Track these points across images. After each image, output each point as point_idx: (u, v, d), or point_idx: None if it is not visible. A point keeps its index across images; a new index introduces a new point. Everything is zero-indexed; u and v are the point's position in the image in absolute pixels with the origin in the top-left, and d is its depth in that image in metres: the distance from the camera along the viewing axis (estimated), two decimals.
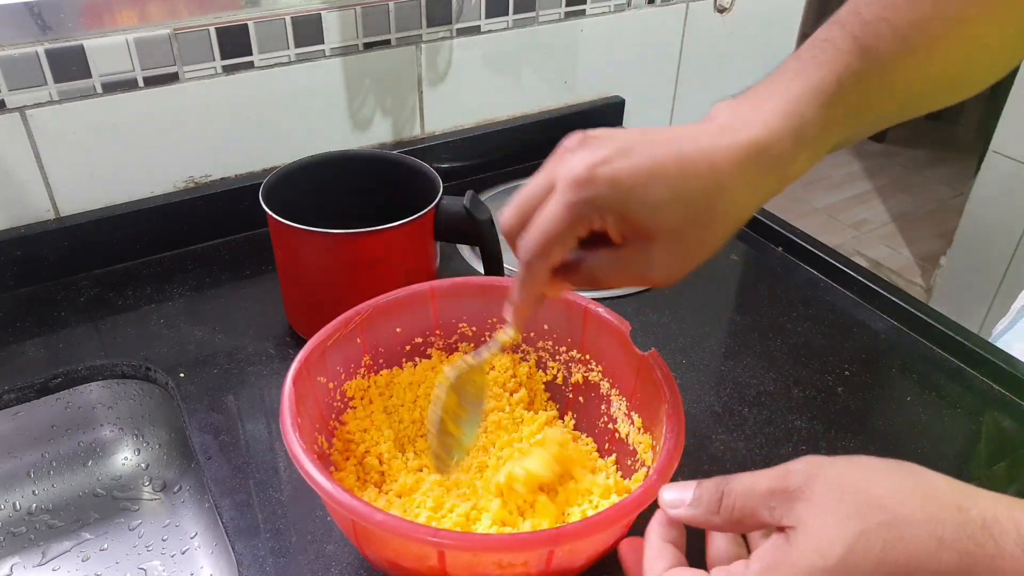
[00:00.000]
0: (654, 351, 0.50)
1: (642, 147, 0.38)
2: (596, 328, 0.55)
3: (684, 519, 0.38)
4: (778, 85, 0.40)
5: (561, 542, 0.39)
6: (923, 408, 0.66)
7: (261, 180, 0.64)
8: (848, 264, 0.80)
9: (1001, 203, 1.69)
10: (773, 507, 0.34)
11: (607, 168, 0.37)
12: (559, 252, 0.40)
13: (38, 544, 0.64)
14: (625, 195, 0.37)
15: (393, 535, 0.40)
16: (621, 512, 0.41)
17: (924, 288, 2.20)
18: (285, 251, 0.65)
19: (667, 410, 0.47)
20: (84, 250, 0.77)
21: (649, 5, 1.03)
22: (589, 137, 0.39)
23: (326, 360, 0.51)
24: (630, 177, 0.37)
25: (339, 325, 0.52)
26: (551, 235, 0.39)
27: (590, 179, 0.37)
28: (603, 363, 0.56)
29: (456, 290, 0.57)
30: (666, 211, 0.38)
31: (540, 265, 0.40)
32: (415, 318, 0.57)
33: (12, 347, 0.68)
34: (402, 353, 0.57)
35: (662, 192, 0.37)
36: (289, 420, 0.44)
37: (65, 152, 0.75)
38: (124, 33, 0.72)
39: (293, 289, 0.68)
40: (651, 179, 0.37)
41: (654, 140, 0.39)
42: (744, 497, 0.36)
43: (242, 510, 0.54)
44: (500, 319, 0.58)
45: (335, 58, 0.84)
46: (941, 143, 2.95)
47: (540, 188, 0.40)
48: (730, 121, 0.39)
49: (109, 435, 0.70)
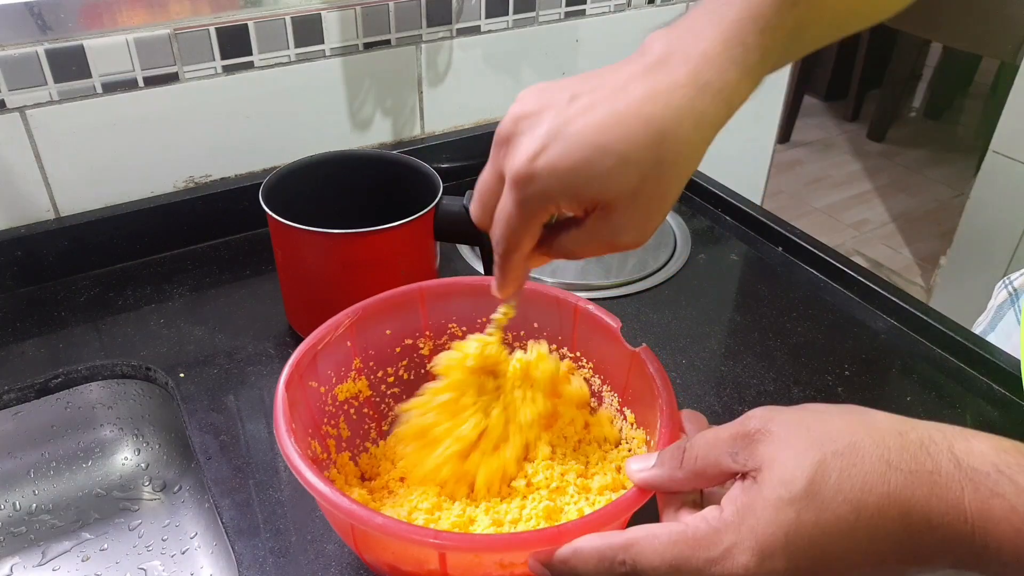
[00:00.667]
0: (645, 346, 0.50)
1: (576, 118, 0.37)
2: (586, 325, 0.55)
3: (649, 482, 0.40)
4: (714, 13, 0.39)
5: (562, 540, 0.39)
6: (923, 408, 0.66)
7: (261, 180, 0.64)
8: (848, 264, 0.80)
9: (1001, 203, 1.69)
10: (736, 452, 0.36)
11: (544, 159, 0.37)
12: (527, 242, 0.41)
13: (38, 544, 0.64)
14: (569, 177, 0.37)
15: (393, 538, 0.40)
16: (619, 508, 0.41)
17: (924, 288, 2.20)
18: (285, 251, 0.65)
19: (660, 404, 0.47)
20: (84, 250, 0.77)
21: (649, 5, 1.03)
22: (520, 121, 0.39)
23: (317, 365, 0.51)
24: (568, 159, 0.37)
25: (328, 329, 0.52)
26: (513, 231, 0.40)
27: (530, 175, 0.38)
28: (594, 360, 0.56)
29: (446, 291, 0.57)
30: (614, 179, 0.37)
31: (513, 256, 0.42)
32: (405, 320, 0.56)
33: (12, 347, 0.68)
34: (393, 355, 0.57)
35: (605, 161, 0.37)
36: (284, 427, 0.44)
37: (65, 152, 0.75)
38: (124, 33, 0.72)
39: (293, 289, 0.68)
40: (592, 152, 0.37)
41: (586, 104, 0.38)
42: (706, 447, 0.37)
43: (242, 510, 0.54)
44: (490, 320, 0.58)
45: (335, 58, 0.84)
46: (941, 143, 2.95)
47: (491, 178, 0.41)
48: (668, 54, 0.38)
49: (109, 435, 0.70)
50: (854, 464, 0.33)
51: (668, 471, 0.39)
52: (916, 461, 0.32)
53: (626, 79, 0.38)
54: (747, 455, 0.35)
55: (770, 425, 0.36)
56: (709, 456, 0.37)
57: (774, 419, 0.36)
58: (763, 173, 1.34)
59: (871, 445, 0.33)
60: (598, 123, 0.37)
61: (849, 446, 0.33)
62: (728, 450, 0.36)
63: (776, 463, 0.34)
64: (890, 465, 0.33)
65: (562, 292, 0.55)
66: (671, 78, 0.37)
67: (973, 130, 2.99)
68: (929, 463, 0.32)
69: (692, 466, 0.38)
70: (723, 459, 0.36)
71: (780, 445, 0.35)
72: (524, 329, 0.58)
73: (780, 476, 0.34)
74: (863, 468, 0.33)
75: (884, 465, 0.33)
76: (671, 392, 0.47)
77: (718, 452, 0.37)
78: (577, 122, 0.37)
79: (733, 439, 0.36)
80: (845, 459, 0.33)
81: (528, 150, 0.38)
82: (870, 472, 0.33)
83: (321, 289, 0.64)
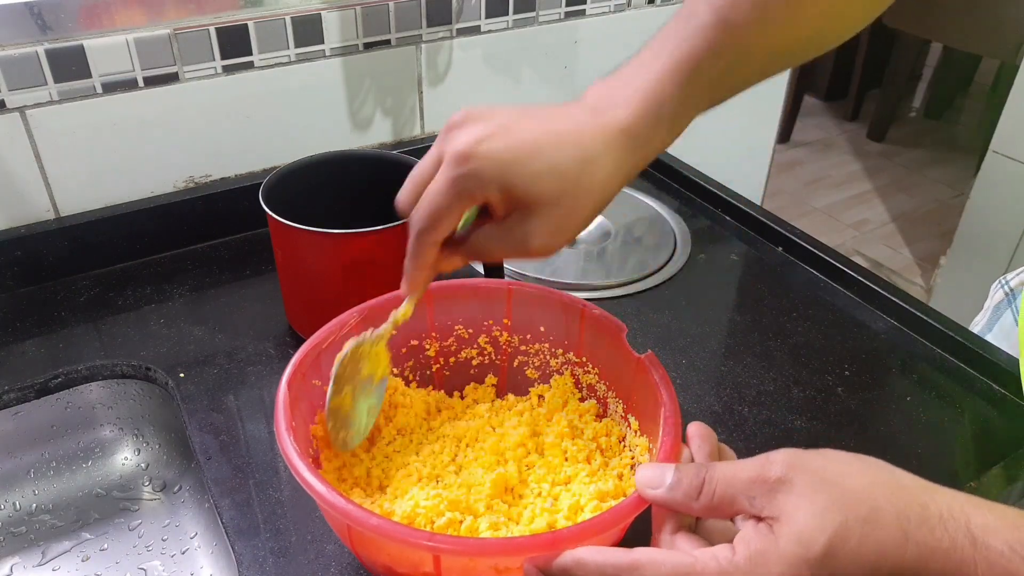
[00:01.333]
0: (651, 353, 0.50)
1: (522, 124, 0.42)
2: (593, 330, 0.55)
3: (659, 501, 0.39)
4: (643, 65, 0.43)
5: (558, 546, 0.38)
6: (923, 408, 0.66)
7: (261, 180, 0.64)
8: (848, 264, 0.80)
9: (1001, 203, 1.69)
10: (754, 497, 0.36)
11: (488, 144, 0.41)
12: (446, 225, 0.43)
13: (38, 544, 0.64)
14: (505, 168, 0.41)
15: (388, 540, 0.39)
16: (618, 516, 0.40)
17: (924, 288, 2.20)
18: (285, 251, 0.65)
19: (664, 412, 0.46)
20: (84, 250, 0.77)
21: (649, 5, 1.03)
22: (472, 115, 0.42)
23: (321, 363, 0.51)
24: (509, 151, 0.41)
25: (334, 328, 0.52)
26: (437, 208, 0.42)
27: (471, 154, 0.41)
28: (599, 365, 0.56)
29: (451, 292, 0.57)
30: (542, 183, 0.41)
31: (428, 238, 0.43)
32: (411, 320, 0.56)
33: (12, 347, 0.68)
34: (398, 355, 0.57)
35: (538, 164, 0.41)
36: (284, 424, 0.44)
37: (65, 152, 0.75)
38: (124, 33, 0.72)
39: (293, 289, 0.68)
40: (529, 153, 0.41)
41: (532, 117, 0.42)
42: (725, 485, 0.37)
43: (242, 510, 0.54)
44: (496, 321, 0.58)
45: (335, 58, 0.84)
46: (941, 143, 2.95)
47: (430, 165, 0.43)
48: (599, 102, 0.43)
49: (109, 435, 0.70)
50: (873, 531, 0.33)
51: (683, 498, 0.38)
52: (934, 536, 0.33)
53: (569, 112, 0.43)
54: (765, 501, 0.35)
55: (791, 474, 0.35)
56: (727, 494, 0.37)
57: (796, 467, 0.35)
58: (763, 173, 1.34)
59: (892, 514, 0.33)
60: (539, 133, 0.42)
61: (871, 511, 0.33)
62: (746, 492, 0.36)
63: (795, 518, 0.34)
64: (908, 537, 0.33)
65: (568, 296, 0.55)
66: (602, 121, 0.42)
67: (973, 130, 2.99)
68: (946, 540, 0.32)
69: (708, 502, 0.37)
70: (739, 500, 0.36)
71: (801, 499, 0.34)
72: (531, 332, 0.58)
73: (799, 533, 0.33)
74: (881, 536, 0.33)
75: (902, 536, 0.33)
76: (675, 401, 0.47)
77: (734, 492, 0.36)
78: (522, 125, 0.42)
79: (752, 482, 0.36)
80: (866, 525, 0.33)
81: (474, 134, 0.41)
82: (888, 541, 0.33)
83: (321, 289, 0.64)
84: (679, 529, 0.39)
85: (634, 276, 0.81)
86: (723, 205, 0.92)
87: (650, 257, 0.84)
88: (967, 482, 0.59)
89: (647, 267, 0.82)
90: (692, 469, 0.38)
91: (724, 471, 0.37)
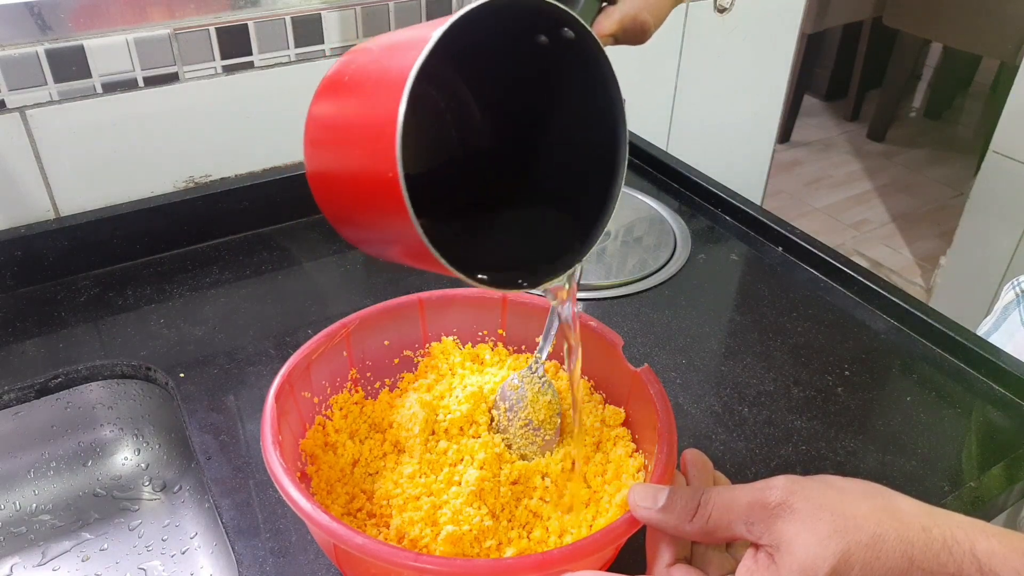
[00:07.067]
0: (647, 367, 0.49)
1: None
2: (589, 343, 0.54)
3: (651, 521, 0.38)
4: None
5: (547, 568, 0.37)
6: (923, 408, 0.66)
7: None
8: (848, 264, 0.80)
9: (1001, 203, 1.69)
10: (752, 523, 0.35)
11: None
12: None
13: (38, 544, 0.64)
14: None
15: (374, 559, 0.38)
16: (609, 537, 0.40)
17: (924, 288, 2.20)
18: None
19: (660, 429, 0.46)
20: (84, 250, 0.77)
21: None
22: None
23: (311, 374, 0.50)
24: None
25: (324, 339, 0.51)
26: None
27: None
28: (595, 378, 0.55)
29: (445, 301, 0.56)
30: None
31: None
32: (403, 330, 0.55)
33: (12, 347, 0.68)
34: (390, 366, 0.56)
35: None
36: (270, 439, 0.43)
37: (65, 152, 0.75)
38: (124, 33, 0.72)
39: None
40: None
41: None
42: (722, 509, 0.36)
43: (242, 510, 0.54)
44: (489, 331, 0.57)
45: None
46: (941, 143, 2.95)
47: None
48: None
49: (109, 435, 0.70)
50: (877, 557, 0.32)
51: (677, 520, 0.37)
52: (938, 561, 0.32)
53: None
54: (764, 528, 0.34)
55: (792, 500, 0.34)
56: (722, 519, 0.36)
57: (796, 493, 0.35)
58: (763, 173, 1.34)
59: (895, 540, 0.33)
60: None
61: (874, 538, 0.33)
62: (744, 518, 0.35)
63: (796, 546, 0.33)
64: (912, 563, 0.32)
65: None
66: None
67: (973, 130, 2.99)
68: (952, 565, 0.32)
69: (703, 524, 0.37)
70: (736, 526, 0.35)
71: (802, 527, 0.34)
72: (526, 344, 0.57)
73: (801, 562, 0.33)
74: (885, 563, 0.32)
75: (907, 562, 0.32)
76: (671, 417, 0.46)
77: (732, 517, 0.36)
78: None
79: (751, 508, 0.35)
80: (869, 552, 0.32)
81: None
82: (892, 568, 0.32)
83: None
84: (676, 561, 0.38)
85: (634, 276, 0.81)
86: (723, 205, 0.92)
87: (650, 257, 0.84)
88: (967, 482, 0.59)
89: (647, 267, 0.82)
90: (687, 491, 0.38)
91: (721, 495, 0.37)
